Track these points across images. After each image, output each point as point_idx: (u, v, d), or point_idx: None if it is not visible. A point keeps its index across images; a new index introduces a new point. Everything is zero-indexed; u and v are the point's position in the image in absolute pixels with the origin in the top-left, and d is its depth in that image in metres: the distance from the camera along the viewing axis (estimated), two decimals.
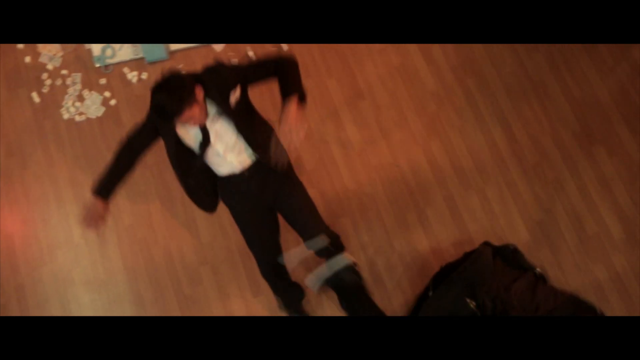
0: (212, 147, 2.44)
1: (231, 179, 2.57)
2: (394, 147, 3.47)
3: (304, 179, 3.35)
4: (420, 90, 3.57)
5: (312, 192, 3.34)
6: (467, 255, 2.88)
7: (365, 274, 3.22)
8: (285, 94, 2.35)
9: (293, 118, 2.27)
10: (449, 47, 3.67)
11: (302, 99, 2.37)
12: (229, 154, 2.48)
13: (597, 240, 3.27)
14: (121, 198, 3.38)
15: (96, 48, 3.57)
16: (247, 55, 3.63)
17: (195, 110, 2.25)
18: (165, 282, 3.24)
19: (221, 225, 3.31)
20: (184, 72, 2.34)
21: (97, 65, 3.58)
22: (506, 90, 3.59)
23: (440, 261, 3.24)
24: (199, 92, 2.28)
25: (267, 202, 2.66)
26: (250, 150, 2.51)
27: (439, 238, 3.30)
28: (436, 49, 3.66)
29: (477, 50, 3.66)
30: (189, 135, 2.45)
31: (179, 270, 3.26)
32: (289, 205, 2.63)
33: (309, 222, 2.61)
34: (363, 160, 3.44)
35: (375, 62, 3.62)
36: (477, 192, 3.39)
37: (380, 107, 3.54)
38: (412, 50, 3.66)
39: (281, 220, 2.77)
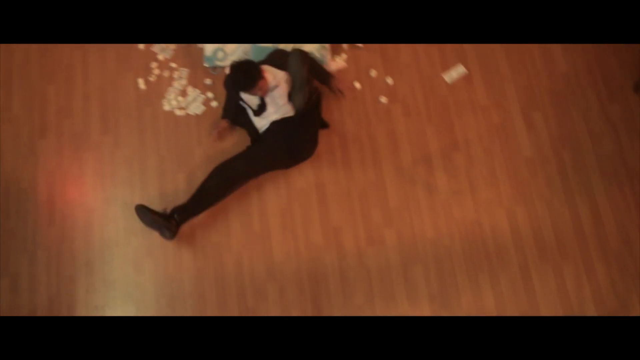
0: (266, 109, 3.30)
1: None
2: (479, 204, 3.44)
3: (384, 214, 3.38)
4: (515, 153, 3.55)
5: (389, 231, 3.37)
6: None
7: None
8: (327, 79, 3.49)
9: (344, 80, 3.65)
10: (551, 115, 3.63)
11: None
12: (273, 114, 3.30)
13: None
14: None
15: (209, 48, 3.63)
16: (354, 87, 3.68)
17: (263, 83, 3.18)
18: (231, 290, 3.26)
19: (296, 247, 3.33)
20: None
21: (206, 64, 3.64)
22: (600, 170, 3.53)
23: None
24: (263, 71, 3.20)
25: (281, 140, 3.32)
26: (290, 110, 3.31)
27: (507, 306, 3.25)
28: (538, 115, 3.63)
29: (578, 124, 3.62)
30: (251, 102, 3.34)
31: (246, 281, 3.28)
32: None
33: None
34: (446, 210, 3.42)
35: (477, 116, 3.61)
36: (553, 267, 3.33)
37: (473, 162, 3.52)
38: (514, 112, 3.63)
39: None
